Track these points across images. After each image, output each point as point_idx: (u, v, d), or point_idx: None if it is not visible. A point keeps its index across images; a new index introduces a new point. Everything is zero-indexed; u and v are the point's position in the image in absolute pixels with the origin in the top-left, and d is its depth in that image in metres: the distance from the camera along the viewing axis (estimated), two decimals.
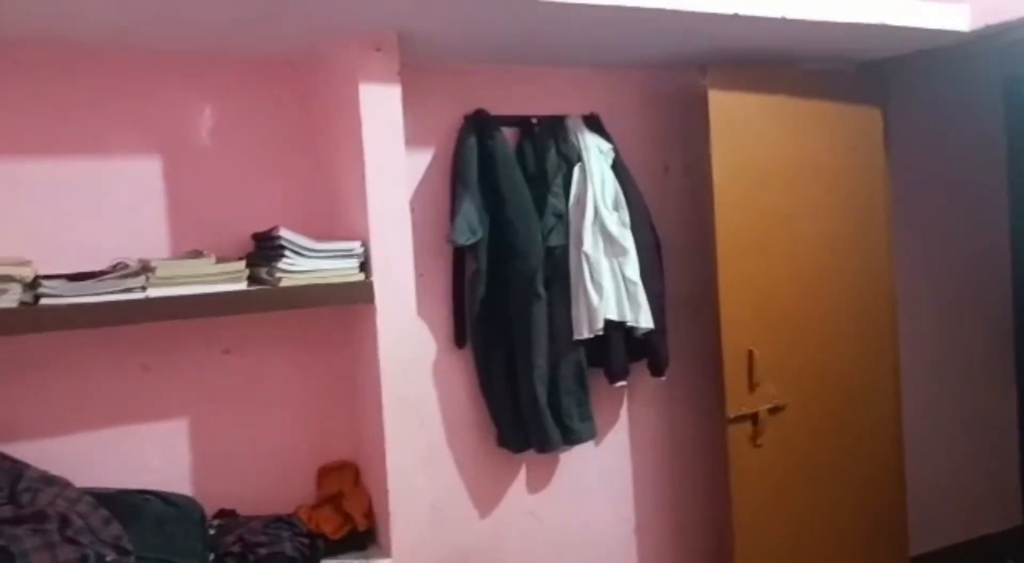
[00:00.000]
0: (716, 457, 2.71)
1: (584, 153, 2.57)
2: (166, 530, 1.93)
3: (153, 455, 2.15)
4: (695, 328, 2.84)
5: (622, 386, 2.68)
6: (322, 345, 2.34)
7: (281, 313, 2.20)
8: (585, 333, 2.52)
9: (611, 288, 2.53)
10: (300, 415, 2.33)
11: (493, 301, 2.48)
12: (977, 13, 2.50)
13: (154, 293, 1.86)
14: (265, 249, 2.10)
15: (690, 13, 2.10)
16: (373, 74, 2.07)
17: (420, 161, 2.49)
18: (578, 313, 2.53)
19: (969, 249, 3.60)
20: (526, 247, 2.44)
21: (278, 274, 2.00)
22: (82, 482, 1.91)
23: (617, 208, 2.59)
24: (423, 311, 2.43)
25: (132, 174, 2.13)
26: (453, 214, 2.42)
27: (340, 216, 2.25)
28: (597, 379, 2.65)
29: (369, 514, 2.23)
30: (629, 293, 2.56)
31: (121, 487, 2.00)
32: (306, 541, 2.08)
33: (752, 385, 2.65)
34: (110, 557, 1.71)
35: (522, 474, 2.70)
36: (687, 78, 2.65)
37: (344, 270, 2.08)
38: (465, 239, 2.38)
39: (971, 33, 2.54)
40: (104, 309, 1.81)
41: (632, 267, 2.57)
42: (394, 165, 2.11)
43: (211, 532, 2.06)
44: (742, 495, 2.64)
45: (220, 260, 1.99)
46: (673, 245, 2.82)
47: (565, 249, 2.54)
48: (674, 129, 2.86)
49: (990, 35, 2.56)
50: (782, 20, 2.24)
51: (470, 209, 2.40)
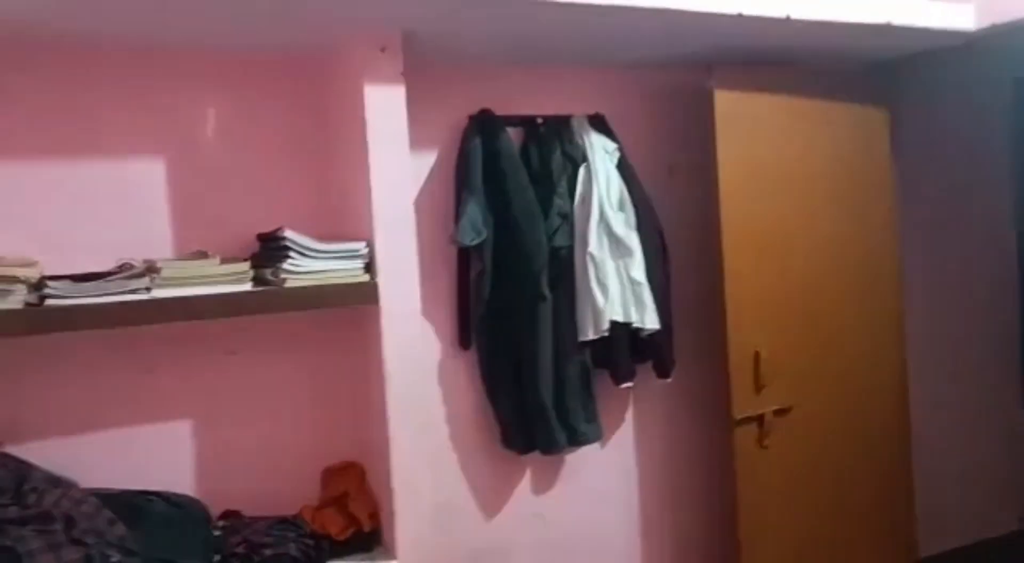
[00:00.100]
0: (722, 459, 2.70)
1: (589, 153, 2.57)
2: (171, 531, 1.93)
3: (158, 456, 2.15)
4: (701, 329, 2.83)
5: (628, 387, 2.67)
6: (327, 346, 2.34)
7: (286, 314, 2.19)
8: (590, 334, 2.51)
9: (616, 289, 2.53)
10: (305, 416, 2.33)
11: (498, 302, 2.47)
12: (983, 12, 2.49)
13: (159, 294, 1.87)
14: (270, 250, 2.10)
15: (695, 13, 2.10)
16: (378, 74, 2.07)
17: (425, 161, 2.49)
18: (583, 314, 2.53)
19: (976, 249, 3.59)
20: (531, 248, 2.43)
21: (283, 275, 2.00)
22: (87, 483, 1.91)
23: (622, 209, 2.59)
24: (428, 312, 2.43)
25: (137, 174, 2.14)
26: (458, 215, 2.42)
27: (345, 217, 2.25)
28: (603, 381, 2.65)
29: (374, 515, 2.23)
30: (635, 294, 2.55)
31: (126, 488, 1.99)
32: (311, 542, 2.08)
33: (758, 386, 2.64)
34: (115, 558, 1.71)
35: (527, 475, 2.69)
36: (693, 78, 2.65)
37: (349, 271, 2.08)
38: (470, 240, 2.38)
39: (977, 33, 2.53)
40: (109, 310, 1.81)
41: (637, 268, 2.56)
42: (399, 165, 2.11)
43: (216, 533, 2.06)
44: (748, 497, 2.63)
45: (225, 261, 1.99)
46: (679, 245, 2.81)
47: (570, 250, 2.54)
48: (679, 129, 2.85)
49: (996, 35, 2.55)
50: (787, 20, 2.24)
51: (475, 210, 2.39)
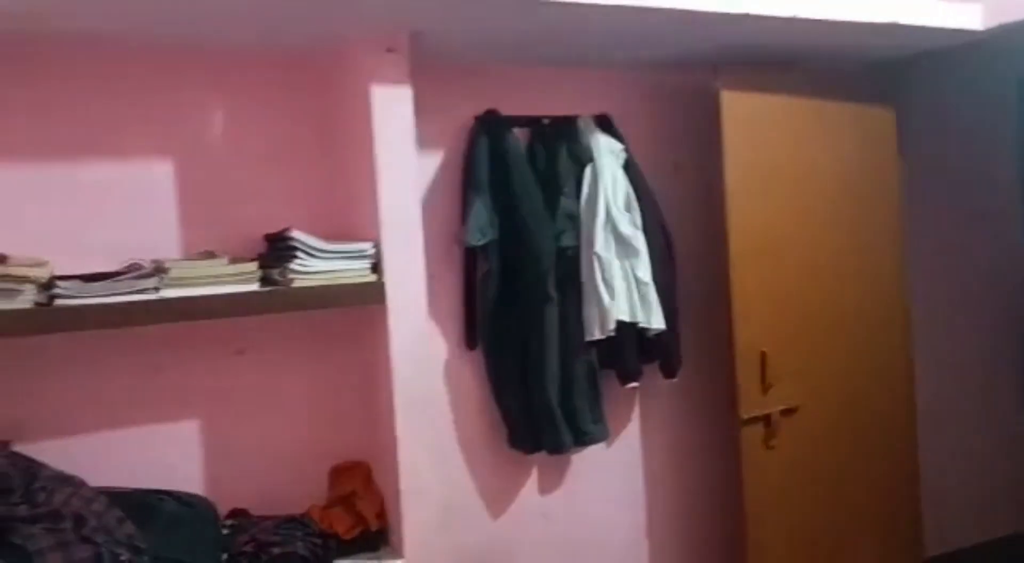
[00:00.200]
0: (729, 459, 2.70)
1: (595, 154, 2.57)
2: (180, 530, 1.94)
3: (167, 455, 2.16)
4: (707, 329, 2.84)
5: (634, 387, 2.67)
6: (334, 346, 2.35)
7: (293, 314, 2.20)
8: (597, 334, 2.52)
9: (623, 289, 2.53)
10: (312, 415, 2.34)
11: (505, 302, 2.48)
12: (990, 12, 2.48)
13: (167, 294, 1.88)
14: (277, 250, 2.11)
15: (702, 13, 2.10)
16: (385, 75, 2.08)
17: (431, 162, 2.49)
18: (590, 314, 2.53)
19: (982, 249, 3.58)
20: (537, 248, 2.44)
21: (290, 275, 2.01)
22: (96, 482, 1.91)
23: (629, 209, 2.59)
24: (435, 312, 2.44)
25: (145, 175, 2.15)
26: (464, 215, 2.43)
27: (352, 217, 2.26)
28: (609, 380, 2.65)
29: (381, 514, 2.24)
30: (641, 294, 2.55)
31: (135, 487, 2.00)
32: (319, 541, 2.08)
33: (765, 386, 2.64)
34: (124, 556, 1.72)
35: (533, 475, 2.69)
36: (699, 78, 2.64)
37: (356, 271, 2.09)
38: (476, 240, 2.38)
39: (984, 32, 2.52)
40: (118, 310, 1.82)
41: (644, 268, 2.56)
42: (405, 166, 2.12)
43: (224, 532, 2.07)
44: (755, 497, 2.63)
45: (233, 261, 2.00)
46: (685, 246, 2.82)
47: (577, 250, 2.54)
48: (686, 129, 2.85)
49: (1004, 34, 2.55)
50: (793, 19, 2.24)
51: (481, 210, 2.40)
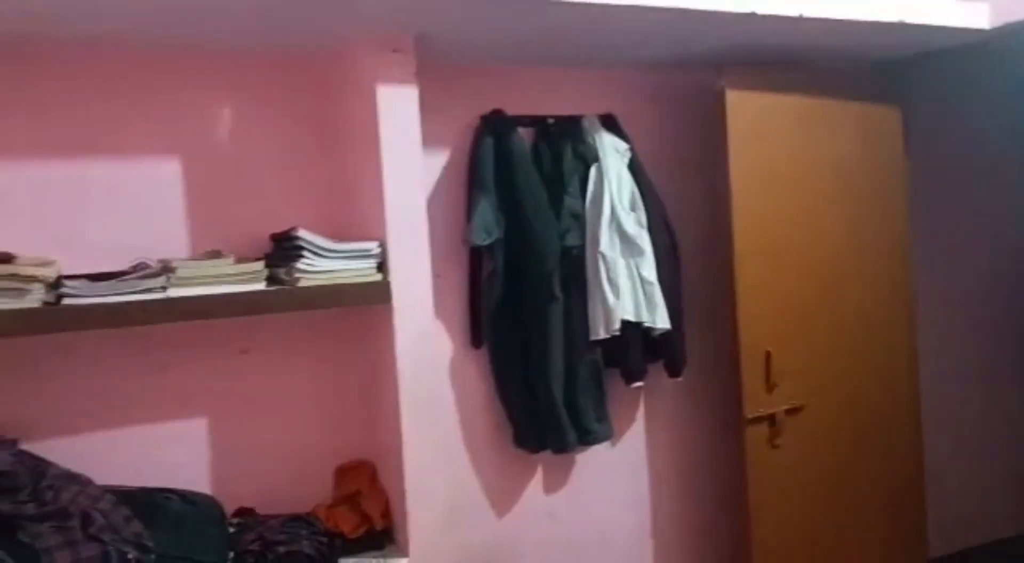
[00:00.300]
0: (733, 458, 2.70)
1: (600, 153, 2.57)
2: (186, 528, 1.94)
3: (173, 454, 2.16)
4: (712, 328, 2.84)
5: (639, 387, 2.67)
6: (340, 345, 2.35)
7: (299, 313, 2.21)
8: (602, 333, 2.52)
9: (628, 288, 2.53)
10: (318, 415, 2.34)
11: (510, 301, 2.48)
12: (997, 11, 2.48)
13: (174, 293, 1.88)
14: (284, 249, 2.11)
15: (707, 12, 2.10)
16: (390, 75, 2.08)
17: (437, 161, 2.49)
18: (594, 313, 2.53)
19: (988, 249, 3.58)
20: (542, 247, 2.44)
21: (296, 274, 2.01)
22: (103, 480, 1.92)
23: (634, 208, 2.59)
24: (440, 311, 2.44)
25: (152, 174, 2.15)
26: (470, 214, 2.43)
27: (358, 216, 2.26)
28: (614, 380, 2.65)
29: (386, 513, 2.24)
30: (646, 293, 2.55)
31: (141, 485, 2.01)
32: (324, 540, 2.09)
33: (769, 386, 2.64)
34: (131, 554, 1.73)
35: (538, 474, 2.70)
36: (704, 78, 2.64)
37: (362, 270, 2.09)
38: (482, 239, 2.38)
39: (991, 31, 2.52)
40: (125, 309, 1.82)
41: (649, 267, 2.56)
42: (411, 165, 2.12)
43: (230, 531, 2.08)
44: (759, 496, 2.63)
45: (239, 260, 2.00)
46: (690, 245, 2.82)
47: (582, 249, 2.54)
48: (691, 129, 2.85)
49: (1010, 33, 2.54)
50: (799, 18, 2.24)
51: (487, 209, 2.40)
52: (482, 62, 2.50)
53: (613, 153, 2.59)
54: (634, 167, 2.63)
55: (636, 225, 2.56)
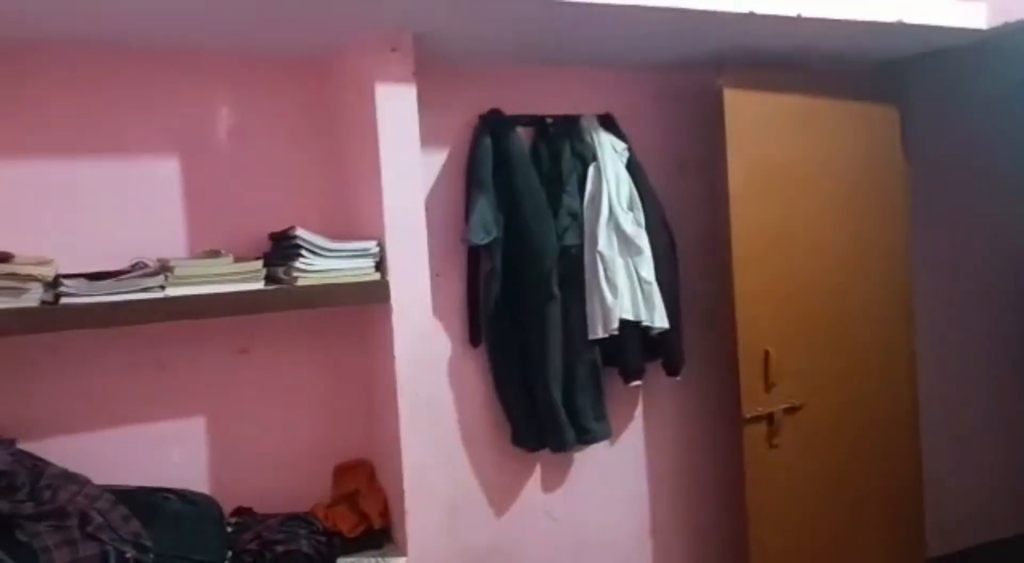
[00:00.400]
0: (732, 457, 2.70)
1: (599, 152, 2.57)
2: (184, 528, 1.94)
3: (171, 453, 2.17)
4: (711, 327, 2.84)
5: (637, 386, 2.67)
6: (338, 344, 2.35)
7: (298, 312, 2.21)
8: (600, 333, 2.52)
9: (626, 288, 2.53)
10: (316, 414, 2.34)
11: (508, 300, 2.48)
12: (995, 11, 2.48)
13: (172, 292, 1.88)
14: (282, 248, 2.11)
15: (705, 12, 2.10)
16: (389, 74, 2.08)
17: (435, 161, 2.49)
18: (593, 313, 2.53)
19: (986, 249, 3.58)
20: (540, 247, 2.44)
21: (295, 273, 2.01)
22: (101, 480, 1.92)
23: (632, 208, 2.59)
24: (438, 310, 2.44)
25: (151, 174, 2.15)
26: (468, 214, 2.43)
27: (356, 216, 2.26)
28: (612, 379, 2.65)
29: (385, 512, 2.24)
30: (644, 293, 2.55)
31: (140, 485, 2.01)
32: (323, 539, 2.09)
33: (768, 385, 2.64)
34: (130, 554, 1.73)
35: (537, 473, 2.70)
36: (702, 78, 2.64)
37: (360, 270, 2.09)
38: (480, 239, 2.38)
39: (989, 31, 2.52)
40: (123, 308, 1.82)
41: (647, 267, 2.56)
42: (409, 165, 2.12)
43: (229, 530, 2.08)
44: (758, 495, 2.63)
45: (237, 259, 2.00)
46: (688, 244, 2.82)
47: (580, 249, 2.54)
48: (689, 129, 2.85)
49: (1008, 33, 2.54)
50: (798, 18, 2.24)
51: (485, 209, 2.40)
52: (480, 61, 2.50)
53: (611, 153, 2.59)
54: (632, 167, 2.63)
55: (634, 224, 2.57)
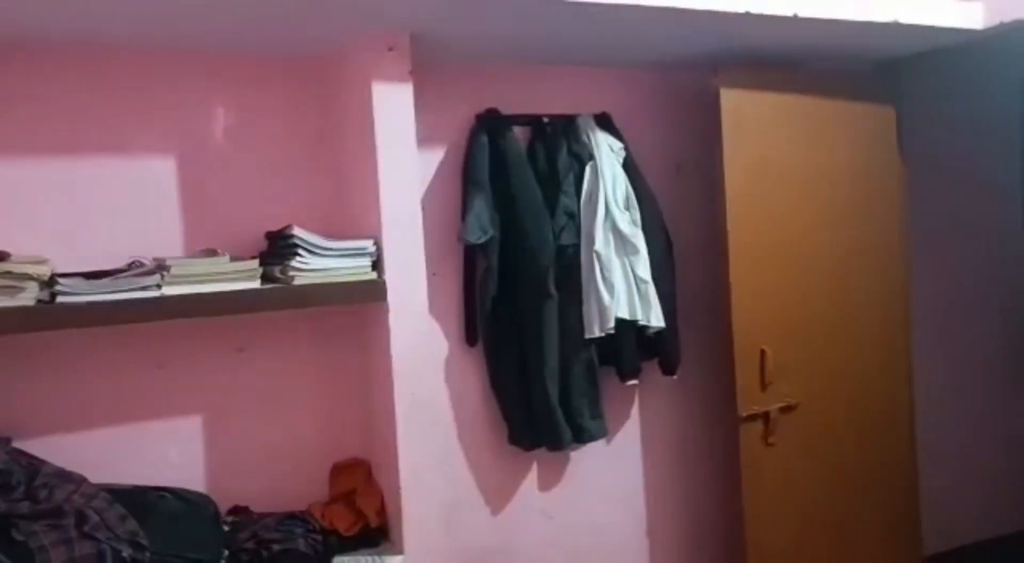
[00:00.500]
0: (728, 456, 2.71)
1: (595, 152, 2.57)
2: (181, 526, 1.95)
3: (168, 452, 2.17)
4: (708, 326, 2.84)
5: (633, 384, 2.68)
6: (335, 343, 2.35)
7: (294, 311, 2.21)
8: (596, 332, 2.52)
9: (623, 287, 2.53)
10: (313, 413, 2.35)
11: (505, 299, 2.48)
12: (991, 11, 2.48)
13: (169, 291, 1.88)
14: (279, 248, 2.11)
15: (702, 11, 2.10)
16: (386, 73, 2.08)
17: (432, 160, 2.49)
18: (589, 312, 2.53)
19: (982, 249, 3.58)
20: (537, 246, 2.44)
21: (291, 272, 2.01)
22: (97, 479, 1.92)
23: (628, 207, 2.59)
24: (435, 309, 2.44)
25: (147, 174, 2.15)
26: (465, 213, 2.43)
27: (353, 215, 2.27)
28: (608, 378, 2.66)
29: (381, 511, 2.24)
30: (640, 292, 2.56)
31: (136, 484, 2.01)
32: (319, 538, 2.10)
33: (764, 384, 2.64)
34: (126, 552, 1.73)
35: (533, 472, 2.70)
36: (699, 77, 2.64)
37: (357, 269, 2.09)
38: (477, 238, 2.39)
39: (985, 31, 2.52)
40: (120, 307, 1.82)
41: (643, 266, 2.57)
42: (406, 164, 2.12)
43: (225, 529, 2.08)
44: (754, 494, 2.63)
45: (234, 259, 2.00)
46: (685, 243, 2.82)
47: (576, 248, 2.54)
48: (686, 128, 2.86)
49: (1004, 33, 2.55)
50: (794, 18, 2.24)
51: (481, 208, 2.40)
52: (477, 61, 2.50)
53: (608, 152, 2.59)
54: (629, 166, 2.63)
55: (630, 224, 2.57)
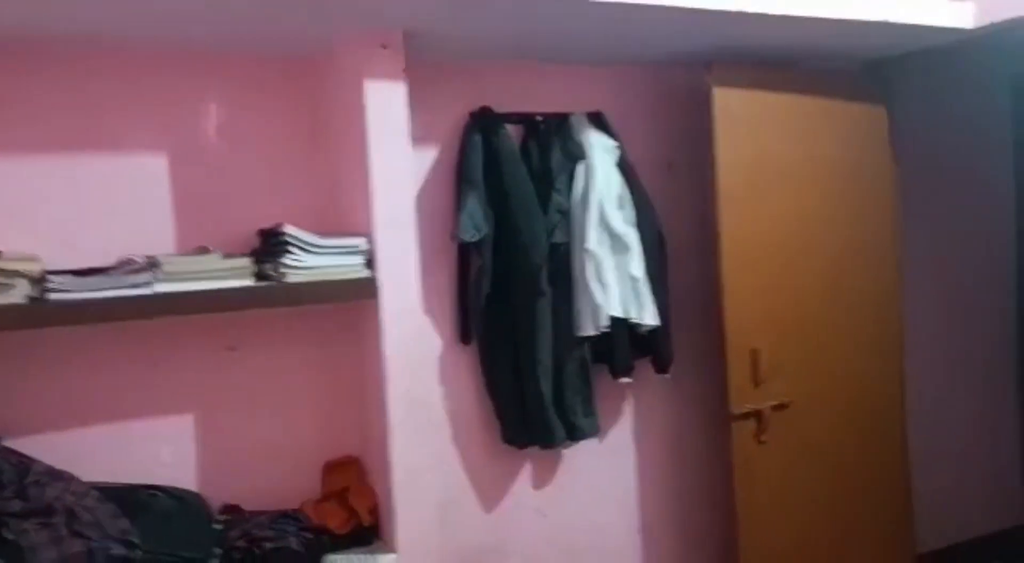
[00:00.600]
0: (721, 454, 2.71)
1: (588, 151, 2.57)
2: (173, 525, 1.94)
3: (160, 450, 2.16)
4: (700, 325, 2.84)
5: (627, 382, 2.68)
6: (328, 341, 2.35)
7: (287, 309, 2.21)
8: (590, 330, 2.52)
9: (616, 285, 2.53)
10: (306, 411, 2.34)
11: (498, 298, 2.48)
12: (981, 10, 2.49)
13: (161, 289, 1.87)
14: (271, 245, 2.10)
15: (696, 10, 2.11)
16: (379, 71, 2.08)
17: (425, 158, 2.49)
18: (583, 310, 2.53)
19: (974, 248, 3.60)
20: (530, 244, 2.44)
21: (284, 270, 2.01)
22: (89, 477, 1.92)
23: (622, 206, 2.59)
24: (428, 308, 2.45)
25: (139, 171, 2.14)
26: (458, 211, 2.43)
27: (346, 212, 2.26)
28: (602, 376, 2.66)
29: (374, 509, 2.24)
30: (634, 290, 2.56)
31: (128, 482, 2.00)
32: (311, 536, 2.09)
33: (756, 382, 2.65)
34: (117, 551, 1.72)
35: (526, 470, 2.70)
36: (692, 76, 2.65)
37: (349, 266, 2.09)
38: (470, 236, 2.39)
39: (975, 30, 2.53)
40: (111, 305, 1.82)
41: (637, 264, 2.57)
42: (399, 162, 2.12)
43: (217, 527, 2.07)
44: (746, 492, 2.64)
45: (226, 256, 2.00)
46: (678, 242, 2.82)
47: (569, 246, 2.55)
48: (679, 127, 2.86)
49: (995, 33, 2.56)
50: (787, 17, 2.25)
51: (475, 206, 2.40)
52: (471, 59, 2.50)
53: (601, 151, 2.59)
54: (622, 165, 2.63)
55: (623, 222, 2.57)
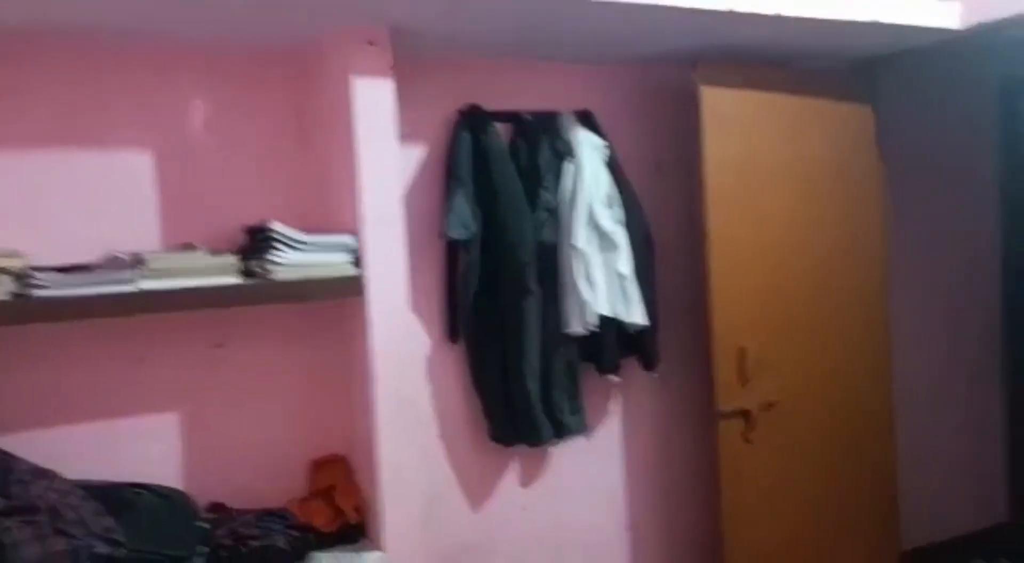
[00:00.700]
0: (708, 453, 2.72)
1: (577, 149, 2.57)
2: (158, 523, 1.93)
3: (145, 448, 2.15)
4: (688, 324, 2.85)
5: (614, 381, 2.68)
6: (314, 339, 2.34)
7: (273, 306, 2.20)
8: (578, 328, 2.52)
9: (603, 283, 2.54)
10: (292, 409, 2.33)
11: (486, 295, 2.48)
12: (969, 11, 2.51)
13: (146, 286, 1.86)
14: (257, 242, 2.09)
15: (685, 9, 2.11)
16: (366, 68, 2.07)
17: (413, 155, 2.48)
18: (570, 308, 2.53)
19: (960, 248, 3.62)
20: (518, 242, 2.44)
21: (270, 267, 2.00)
22: (74, 475, 1.91)
23: (610, 204, 2.59)
24: (416, 305, 2.44)
25: (124, 167, 2.13)
26: (446, 209, 2.42)
27: (333, 210, 2.26)
28: (589, 374, 2.66)
29: (360, 508, 2.24)
30: (621, 289, 2.56)
31: (113, 480, 1.99)
32: (298, 534, 2.08)
33: (743, 381, 2.66)
34: (101, 549, 1.72)
35: (513, 468, 2.70)
36: (680, 75, 2.65)
37: (336, 264, 2.08)
38: (458, 234, 2.38)
39: (963, 31, 2.55)
40: (95, 301, 1.81)
41: (624, 263, 2.57)
42: (387, 159, 2.12)
43: (203, 526, 2.06)
44: (733, 491, 2.65)
45: (212, 253, 1.99)
46: (666, 241, 2.83)
47: (558, 244, 2.55)
48: (667, 126, 2.86)
49: (982, 33, 2.57)
50: (776, 17, 2.25)
51: (463, 204, 2.40)
52: (459, 56, 2.50)
53: (589, 149, 2.59)
54: (611, 163, 2.63)
55: (611, 221, 2.57)
